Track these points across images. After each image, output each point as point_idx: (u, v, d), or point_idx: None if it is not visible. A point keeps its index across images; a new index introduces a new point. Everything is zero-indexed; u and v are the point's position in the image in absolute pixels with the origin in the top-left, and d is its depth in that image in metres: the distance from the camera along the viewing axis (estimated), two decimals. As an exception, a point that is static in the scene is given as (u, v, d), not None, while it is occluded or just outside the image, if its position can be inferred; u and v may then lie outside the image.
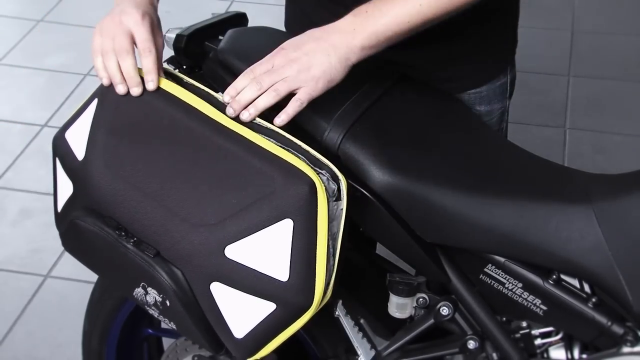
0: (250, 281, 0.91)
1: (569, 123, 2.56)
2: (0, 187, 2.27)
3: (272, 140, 0.94)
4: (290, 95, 0.95)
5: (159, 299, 0.97)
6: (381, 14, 0.96)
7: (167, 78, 1.02)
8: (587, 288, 0.98)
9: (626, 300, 0.92)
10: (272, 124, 0.96)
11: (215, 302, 0.94)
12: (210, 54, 1.12)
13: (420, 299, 1.06)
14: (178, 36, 1.12)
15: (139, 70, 0.99)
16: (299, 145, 0.95)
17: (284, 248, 0.90)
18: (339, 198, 0.93)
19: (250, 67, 0.97)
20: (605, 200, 0.94)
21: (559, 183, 1.00)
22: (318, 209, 0.89)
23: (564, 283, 0.98)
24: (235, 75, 0.99)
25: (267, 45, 1.00)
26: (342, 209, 0.93)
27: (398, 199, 0.98)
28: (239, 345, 0.96)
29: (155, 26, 1.02)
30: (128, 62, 0.98)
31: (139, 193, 0.96)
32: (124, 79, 0.98)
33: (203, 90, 1.01)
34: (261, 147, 0.92)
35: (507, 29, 1.20)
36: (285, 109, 0.95)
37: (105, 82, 0.99)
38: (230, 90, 0.97)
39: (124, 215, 0.98)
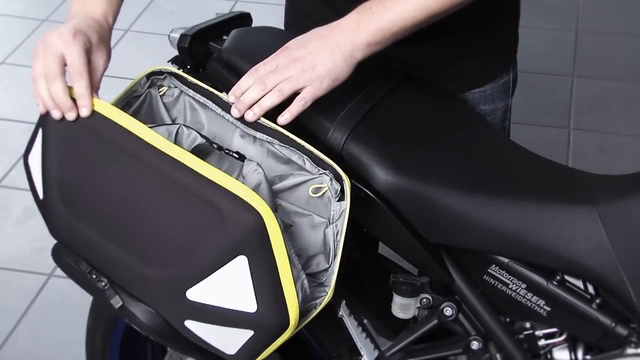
0: (220, 316, 0.90)
1: (572, 123, 2.55)
2: (5, 186, 2.27)
3: (214, 169, 0.88)
4: (295, 94, 0.95)
5: (143, 332, 0.97)
6: (385, 10, 0.95)
7: (153, 87, 1.03)
8: (591, 289, 0.98)
9: (630, 301, 0.92)
10: (276, 123, 0.96)
11: (196, 334, 0.94)
12: (214, 54, 1.12)
13: (424, 300, 1.06)
14: (182, 36, 1.12)
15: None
16: (302, 145, 0.95)
17: (245, 282, 0.86)
18: (342, 198, 0.93)
19: (255, 67, 0.97)
20: (609, 201, 0.94)
21: (563, 184, 1.00)
22: (271, 238, 0.85)
23: (567, 284, 0.98)
24: (239, 75, 0.99)
25: (271, 45, 1.00)
26: (345, 210, 0.92)
27: (402, 200, 0.98)
28: (235, 357, 0.95)
29: (94, 44, 0.96)
30: (57, 86, 0.93)
31: (98, 234, 0.96)
32: (57, 104, 0.93)
33: (207, 90, 1.01)
34: (207, 178, 0.87)
35: (509, 27, 1.21)
36: (289, 107, 0.95)
37: (40, 109, 0.96)
38: (235, 90, 0.96)
39: (90, 256, 0.99)
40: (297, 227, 0.97)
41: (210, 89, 1.01)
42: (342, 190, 0.93)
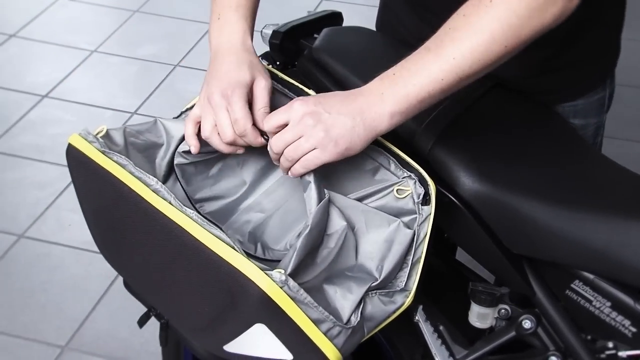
0: None
1: (664, 140, 2.47)
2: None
3: (220, 234, 0.84)
4: None
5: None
6: (410, 74, 0.86)
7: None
8: (681, 312, 0.94)
9: None
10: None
11: None
12: (305, 52, 1.13)
13: (502, 310, 1.04)
14: (274, 32, 1.14)
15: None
16: (389, 147, 0.95)
17: (272, 340, 0.85)
18: (426, 203, 0.92)
19: (267, 119, 0.91)
20: None
21: (656, 201, 0.97)
22: (281, 306, 0.81)
23: (656, 305, 0.95)
24: (329, 73, 1.00)
25: (362, 45, 1.00)
26: (429, 214, 0.92)
27: (487, 208, 0.97)
28: None
29: (250, 82, 0.95)
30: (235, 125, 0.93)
31: (137, 285, 1.00)
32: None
33: (297, 87, 1.01)
34: (213, 251, 0.82)
35: (609, 40, 1.14)
36: (292, 168, 0.89)
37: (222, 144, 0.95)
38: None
39: (146, 296, 1.04)
40: (377, 229, 0.96)
41: (300, 86, 1.02)
42: (427, 194, 0.92)
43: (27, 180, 2.31)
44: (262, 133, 0.93)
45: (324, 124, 0.86)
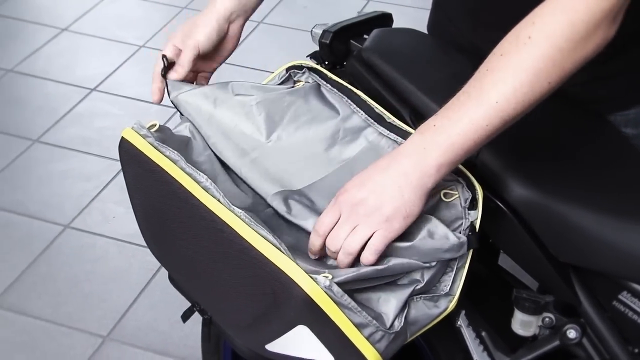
0: None
1: None
2: (136, 164, 2.38)
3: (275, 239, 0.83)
4: None
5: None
6: (452, 123, 0.82)
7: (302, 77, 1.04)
8: None
9: None
10: None
11: None
12: (354, 52, 1.12)
13: (547, 319, 1.03)
14: (324, 32, 1.14)
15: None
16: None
17: (314, 342, 0.85)
18: (472, 207, 0.92)
19: (316, 225, 0.88)
20: None
21: None
22: (324, 309, 0.81)
23: None
24: (378, 75, 0.99)
25: (411, 47, 1.00)
26: (476, 219, 0.91)
27: (534, 215, 0.95)
28: None
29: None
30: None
31: (186, 278, 1.01)
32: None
33: (346, 87, 1.01)
34: (258, 251, 0.82)
35: None
36: (361, 258, 0.86)
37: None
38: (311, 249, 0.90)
39: (190, 292, 1.05)
40: (422, 232, 0.96)
41: (349, 86, 1.02)
42: (474, 199, 0.92)
43: (74, 172, 2.35)
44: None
45: (373, 207, 0.83)
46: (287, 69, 1.06)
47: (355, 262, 0.87)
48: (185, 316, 1.15)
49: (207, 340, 1.34)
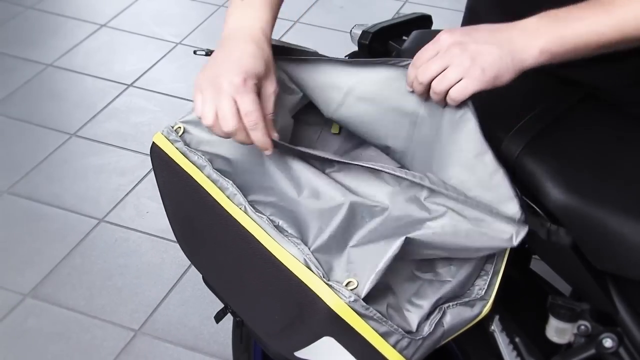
0: None
1: None
2: (170, 160, 2.40)
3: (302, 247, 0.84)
4: None
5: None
6: (572, 19, 0.85)
7: None
8: None
9: None
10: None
11: None
12: (393, 54, 1.12)
13: (582, 327, 1.01)
14: (364, 32, 1.14)
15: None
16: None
17: (342, 351, 0.85)
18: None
19: (415, 58, 0.88)
20: None
21: None
22: (349, 323, 0.81)
23: None
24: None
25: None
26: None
27: (572, 221, 0.94)
28: None
29: (262, 77, 0.88)
30: (239, 137, 0.86)
31: (217, 281, 1.01)
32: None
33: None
34: (284, 265, 0.83)
35: None
36: (448, 96, 0.85)
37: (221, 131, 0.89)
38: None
39: (222, 294, 1.06)
40: (458, 234, 0.95)
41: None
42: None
43: (110, 166, 2.38)
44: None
45: (470, 52, 0.83)
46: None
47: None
48: (219, 317, 1.16)
49: (239, 341, 1.34)
